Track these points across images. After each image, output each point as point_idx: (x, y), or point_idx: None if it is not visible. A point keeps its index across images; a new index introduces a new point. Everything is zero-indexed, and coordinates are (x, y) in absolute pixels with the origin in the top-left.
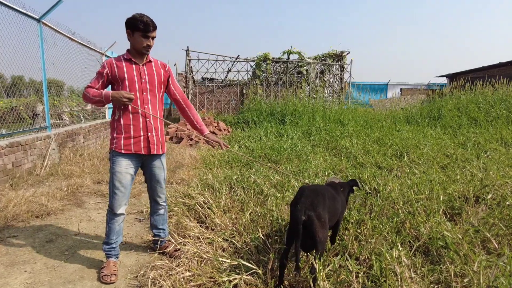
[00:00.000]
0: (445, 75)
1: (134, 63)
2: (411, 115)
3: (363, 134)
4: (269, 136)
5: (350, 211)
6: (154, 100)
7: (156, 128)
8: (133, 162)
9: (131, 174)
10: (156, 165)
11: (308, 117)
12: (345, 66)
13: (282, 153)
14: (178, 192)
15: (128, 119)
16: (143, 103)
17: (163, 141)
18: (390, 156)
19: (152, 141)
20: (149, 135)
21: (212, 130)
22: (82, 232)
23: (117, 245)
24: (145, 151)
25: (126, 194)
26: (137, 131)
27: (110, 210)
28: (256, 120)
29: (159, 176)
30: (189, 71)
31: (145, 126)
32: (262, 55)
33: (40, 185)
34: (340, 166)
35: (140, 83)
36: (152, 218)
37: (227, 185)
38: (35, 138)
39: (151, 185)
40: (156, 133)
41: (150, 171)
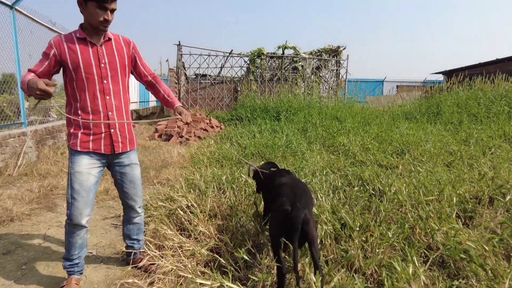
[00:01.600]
0: (441, 72)
1: (90, 43)
2: (410, 112)
3: (361, 131)
4: (263, 133)
5: (353, 215)
6: (117, 88)
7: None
8: (96, 160)
9: (94, 175)
10: (125, 164)
11: (304, 114)
12: (341, 62)
13: (277, 150)
14: (160, 194)
15: (88, 114)
16: (104, 93)
17: (132, 136)
18: (391, 154)
19: (116, 138)
20: (112, 132)
21: (204, 127)
22: (48, 241)
23: (81, 260)
24: (106, 150)
25: (89, 201)
26: (97, 126)
27: (68, 221)
28: (250, 117)
29: (131, 176)
30: (181, 66)
31: (107, 120)
32: (256, 50)
33: (10, 187)
34: (338, 164)
35: (99, 69)
36: (125, 227)
37: (216, 186)
38: (7, 135)
39: (122, 188)
40: (121, 129)
41: (119, 171)
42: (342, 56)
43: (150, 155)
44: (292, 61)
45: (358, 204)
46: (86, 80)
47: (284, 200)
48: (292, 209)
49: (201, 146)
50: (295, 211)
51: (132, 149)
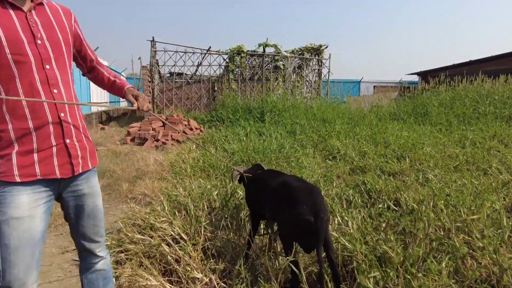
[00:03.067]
0: (416, 73)
1: (12, 6)
2: (395, 112)
3: (351, 133)
4: (249, 135)
5: (381, 239)
6: (66, 77)
7: (77, 127)
8: (43, 192)
9: (41, 218)
10: (83, 192)
11: (290, 115)
12: (323, 61)
13: (270, 156)
14: (136, 219)
15: (24, 119)
16: (49, 85)
17: (92, 146)
18: (390, 158)
19: (75, 152)
20: (68, 143)
21: (182, 129)
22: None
23: None
24: (64, 173)
25: (33, 261)
26: (43, 138)
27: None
28: (232, 118)
29: (92, 209)
30: (155, 64)
31: (59, 127)
32: (236, 47)
33: None
34: (337, 171)
35: (36, 47)
36: (85, 280)
37: (206, 204)
38: None
39: (77, 226)
40: (78, 137)
41: (75, 203)
42: (324, 55)
43: (122, 163)
44: (273, 59)
45: (386, 226)
46: (15, 65)
47: (304, 208)
48: (315, 220)
49: (181, 152)
50: (320, 222)
51: (94, 166)
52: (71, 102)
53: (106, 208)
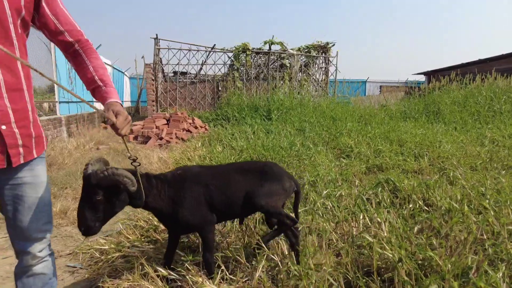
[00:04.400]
0: (423, 73)
1: None
2: (406, 111)
3: (363, 131)
4: (256, 133)
5: (422, 244)
6: (10, 48)
7: (21, 111)
8: None
9: None
10: (25, 181)
11: (297, 113)
12: (330, 59)
13: (281, 153)
14: (139, 219)
15: None
16: None
17: (39, 131)
18: (407, 156)
19: (13, 140)
20: (3, 129)
21: (187, 128)
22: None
23: None
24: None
25: None
26: None
27: None
28: (237, 116)
29: (34, 201)
30: (158, 62)
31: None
32: (241, 45)
33: None
34: (353, 169)
35: None
36: (20, 284)
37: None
38: None
39: (15, 220)
40: (20, 123)
41: (13, 194)
42: (331, 53)
43: (124, 161)
44: (279, 57)
45: (423, 228)
46: None
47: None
48: (296, 185)
49: (186, 150)
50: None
51: (39, 155)
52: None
53: None
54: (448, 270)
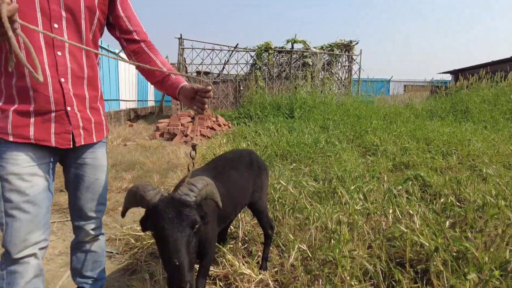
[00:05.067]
0: (449, 72)
1: None
2: (433, 109)
3: (388, 129)
4: (280, 131)
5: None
6: (78, 41)
7: (82, 96)
8: (42, 154)
9: (42, 176)
10: (86, 161)
11: (320, 111)
12: (353, 57)
13: (305, 150)
14: None
15: (23, 77)
16: (53, 46)
17: (99, 118)
18: (435, 154)
19: (76, 122)
20: (69, 111)
21: (211, 126)
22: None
23: None
24: (61, 143)
25: (39, 218)
26: (42, 102)
27: (5, 254)
28: (260, 115)
29: (92, 182)
30: (182, 61)
31: (60, 93)
32: (264, 44)
33: None
34: (379, 167)
35: (46, 2)
36: (74, 257)
37: None
38: None
39: (74, 197)
40: (81, 106)
41: (75, 172)
42: (354, 51)
43: (152, 156)
44: (301, 56)
45: (456, 222)
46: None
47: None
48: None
49: (211, 146)
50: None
51: (100, 140)
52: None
53: None
54: (485, 262)
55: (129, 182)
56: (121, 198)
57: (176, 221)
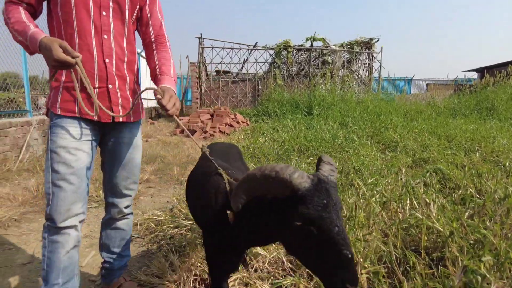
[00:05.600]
0: (475, 70)
1: None
2: (456, 107)
3: (408, 127)
4: (298, 127)
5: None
6: (121, 28)
7: (122, 77)
8: (88, 130)
9: (87, 152)
10: (123, 140)
11: (340, 108)
12: (374, 55)
13: (323, 145)
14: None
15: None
16: (101, 30)
17: (138, 101)
18: (457, 151)
19: (115, 99)
20: (110, 88)
21: (229, 123)
22: (37, 259)
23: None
24: (102, 116)
25: (81, 191)
26: (87, 77)
27: (49, 223)
28: (278, 112)
29: (128, 160)
30: (202, 61)
31: (104, 72)
32: (283, 42)
33: (4, 184)
34: (398, 163)
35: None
36: (104, 233)
37: None
38: (8, 123)
39: (111, 174)
40: (121, 87)
41: (110, 149)
42: (375, 48)
43: (173, 150)
44: (321, 53)
45: (473, 213)
46: (74, 4)
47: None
48: None
49: (230, 140)
50: None
51: (136, 120)
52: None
53: (158, 190)
54: (503, 249)
55: (150, 174)
56: (142, 188)
57: (338, 207)
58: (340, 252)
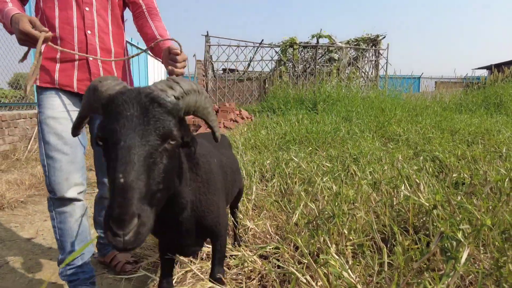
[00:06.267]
0: (485, 67)
1: None
2: (463, 103)
3: (413, 121)
4: (301, 122)
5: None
6: (104, 0)
7: (107, 50)
8: (74, 101)
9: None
10: None
11: (344, 104)
12: (380, 52)
13: (324, 137)
14: None
15: (53, 27)
16: (82, 3)
17: (123, 75)
18: (459, 143)
19: (96, 71)
20: (90, 61)
21: (234, 118)
22: (41, 236)
23: (86, 260)
24: (82, 89)
25: (76, 160)
26: (65, 47)
27: (51, 195)
28: (283, 108)
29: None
30: (209, 58)
31: (84, 44)
32: (289, 39)
33: (13, 171)
34: (399, 154)
35: None
36: (96, 210)
37: (257, 174)
38: (17, 114)
39: (99, 153)
40: (105, 57)
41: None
42: (381, 45)
43: None
44: (327, 51)
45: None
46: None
47: None
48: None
49: (233, 134)
50: None
51: None
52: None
53: None
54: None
55: None
56: None
57: (136, 122)
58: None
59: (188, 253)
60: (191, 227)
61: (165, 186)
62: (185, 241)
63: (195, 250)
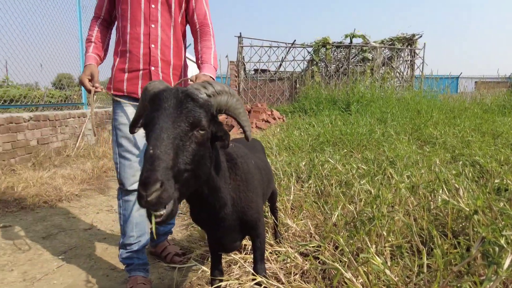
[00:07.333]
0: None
1: None
2: (507, 104)
3: (450, 124)
4: (334, 123)
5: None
6: (168, 20)
7: (167, 62)
8: None
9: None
10: None
11: (379, 105)
12: (416, 51)
13: (359, 138)
14: None
15: (125, 42)
16: (150, 20)
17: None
18: (502, 147)
19: (157, 79)
20: (152, 70)
21: (266, 119)
22: (95, 227)
23: (141, 248)
24: None
25: (141, 159)
26: (134, 61)
27: (121, 186)
28: (315, 109)
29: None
30: (241, 59)
31: (147, 56)
32: (321, 39)
33: (65, 167)
34: (437, 157)
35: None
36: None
37: (293, 175)
38: (67, 114)
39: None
40: (166, 69)
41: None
42: (417, 45)
43: None
44: (360, 51)
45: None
46: (130, 2)
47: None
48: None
49: (266, 134)
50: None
51: None
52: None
53: None
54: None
55: None
56: None
57: (172, 111)
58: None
59: (229, 248)
60: (233, 223)
61: (194, 168)
62: (227, 237)
63: (236, 246)
